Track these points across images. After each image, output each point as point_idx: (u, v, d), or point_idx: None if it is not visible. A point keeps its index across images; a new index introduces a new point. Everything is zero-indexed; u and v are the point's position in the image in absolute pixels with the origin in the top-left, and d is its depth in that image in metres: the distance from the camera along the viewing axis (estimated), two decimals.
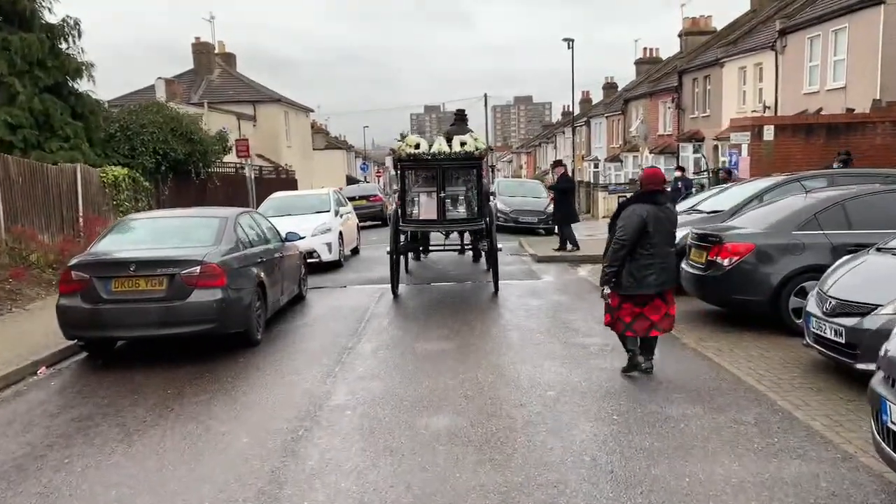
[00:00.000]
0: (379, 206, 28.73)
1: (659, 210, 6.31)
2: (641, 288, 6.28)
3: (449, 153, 11.68)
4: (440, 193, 11.65)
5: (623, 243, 6.20)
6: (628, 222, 6.21)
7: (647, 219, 6.18)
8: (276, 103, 37.94)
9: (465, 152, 11.78)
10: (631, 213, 6.26)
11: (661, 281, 6.32)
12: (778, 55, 23.85)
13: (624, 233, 6.21)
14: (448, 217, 11.91)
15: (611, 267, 6.32)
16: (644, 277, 6.26)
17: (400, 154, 11.68)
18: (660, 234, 6.27)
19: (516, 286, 12.19)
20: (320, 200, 15.82)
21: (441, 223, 12.07)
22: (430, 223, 12.12)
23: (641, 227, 6.16)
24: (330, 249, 14.34)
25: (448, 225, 12.39)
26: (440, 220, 11.84)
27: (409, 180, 11.98)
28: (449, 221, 12.07)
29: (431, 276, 13.88)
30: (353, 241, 16.97)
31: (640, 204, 6.32)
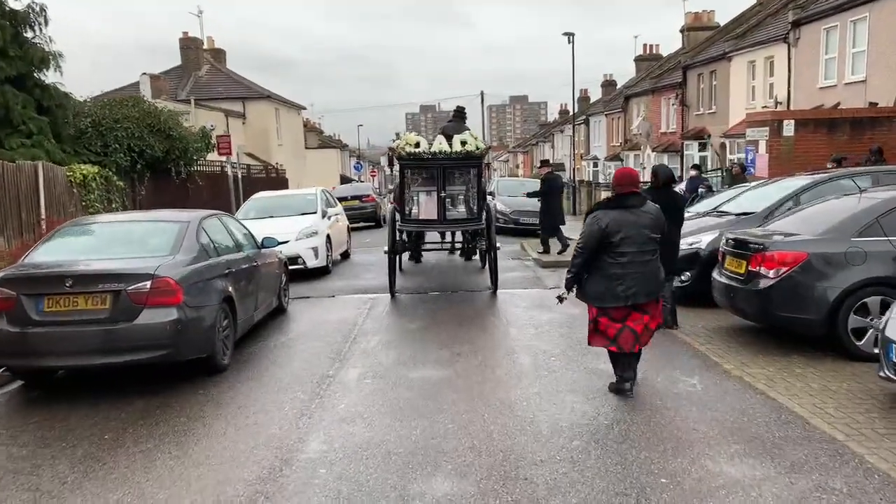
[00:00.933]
0: (372, 207, 27.52)
1: (629, 213, 5.75)
2: (610, 300, 5.77)
3: (450, 152, 10.65)
4: (440, 193, 10.90)
5: (579, 251, 5.84)
6: (586, 230, 5.81)
7: (607, 227, 5.67)
8: (266, 100, 36.66)
9: (465, 152, 10.73)
10: (591, 221, 5.80)
11: (634, 292, 5.72)
12: (791, 48, 22.69)
13: (581, 241, 5.83)
14: (448, 217, 11.27)
15: (568, 273, 6.01)
16: (612, 288, 5.73)
17: (400, 153, 10.76)
18: (631, 240, 5.69)
19: (522, 296, 10.98)
20: (306, 201, 14.58)
21: (441, 223, 11.52)
22: (430, 223, 11.56)
23: (600, 236, 5.69)
24: (316, 254, 13.11)
25: (448, 225, 11.96)
26: (440, 219, 11.21)
27: (409, 179, 11.32)
28: (449, 221, 11.52)
29: (426, 281, 12.69)
30: (342, 244, 15.74)
31: (605, 210, 5.84)
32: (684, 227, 8.69)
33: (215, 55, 39.96)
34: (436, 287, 12.10)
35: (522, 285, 12.03)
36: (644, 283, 5.73)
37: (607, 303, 5.75)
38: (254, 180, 28.14)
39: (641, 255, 5.71)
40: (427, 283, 12.50)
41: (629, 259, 5.66)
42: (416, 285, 12.37)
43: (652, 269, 5.82)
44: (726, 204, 11.20)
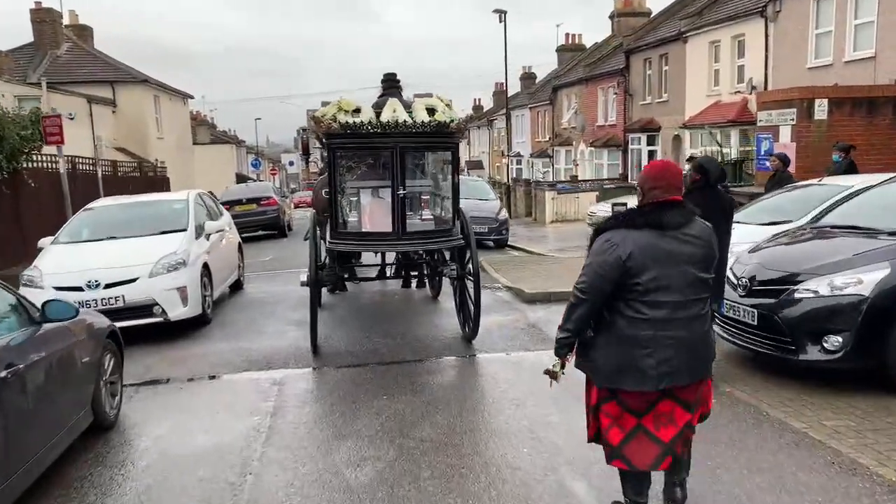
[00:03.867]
0: (274, 212, 22.48)
1: (667, 239, 3.32)
2: (630, 379, 3.34)
3: (412, 124, 6.11)
4: (397, 190, 6.57)
5: (581, 298, 3.39)
6: (593, 262, 3.38)
7: (630, 260, 3.28)
8: (142, 85, 30.74)
9: (436, 122, 6.23)
10: (602, 247, 3.38)
11: (671, 369, 3.31)
12: (768, 23, 19.49)
13: (584, 280, 3.38)
14: (409, 229, 6.85)
15: (562, 331, 3.49)
16: (636, 359, 3.31)
17: (328, 125, 6.15)
18: (670, 283, 3.31)
19: (527, 367, 6.66)
20: (172, 213, 9.68)
21: (398, 239, 6.89)
22: (381, 239, 7.04)
23: (617, 273, 3.29)
24: (184, 298, 8.29)
25: (409, 241, 7.07)
26: (397, 232, 6.87)
27: (343, 169, 7.03)
28: (411, 236, 6.95)
29: (365, 331, 8.16)
30: (231, 271, 10.92)
31: (626, 230, 3.36)
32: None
33: (79, 32, 33.65)
34: (384, 346, 7.58)
35: (513, 341, 7.70)
36: (688, 354, 3.37)
37: (625, 383, 3.38)
38: (123, 181, 22.62)
39: (685, 307, 3.36)
40: (368, 337, 7.97)
41: (666, 314, 3.32)
42: (351, 341, 7.83)
43: (700, 331, 3.45)
44: (830, 215, 7.32)
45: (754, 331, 6.03)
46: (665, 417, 3.42)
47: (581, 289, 3.38)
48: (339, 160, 6.54)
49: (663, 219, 3.33)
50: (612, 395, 3.46)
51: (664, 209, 3.35)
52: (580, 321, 3.41)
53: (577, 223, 22.17)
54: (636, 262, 3.27)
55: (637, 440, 3.42)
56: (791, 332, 5.71)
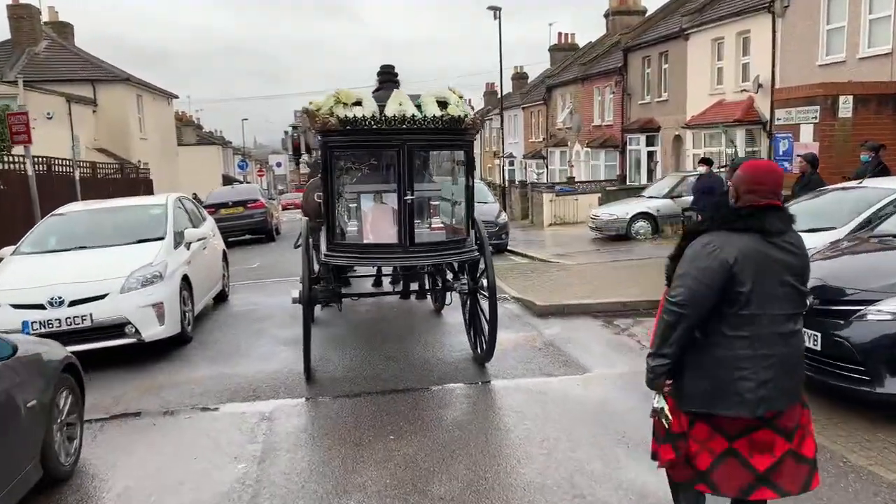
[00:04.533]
0: (261, 215, 21.54)
1: (767, 246, 2.97)
2: (723, 403, 2.99)
3: (422, 119, 5.24)
4: (404, 195, 5.66)
5: (679, 313, 2.95)
6: (694, 269, 2.96)
7: (736, 265, 2.91)
8: (124, 83, 29.67)
9: (448, 118, 5.35)
10: (703, 250, 2.97)
11: (769, 392, 2.97)
12: (776, 19, 18.78)
13: (683, 292, 2.95)
14: (418, 240, 6.04)
15: (658, 357, 3.03)
16: (731, 382, 2.97)
17: (325, 121, 5.28)
18: (769, 295, 2.95)
19: (545, 398, 5.81)
20: (149, 219, 8.77)
21: (406, 252, 5.93)
22: (385, 252, 6.06)
23: (723, 280, 2.92)
24: (160, 316, 7.39)
25: (417, 254, 6.07)
26: (404, 244, 5.92)
27: (342, 170, 6.13)
28: (420, 248, 6.00)
29: (363, 352, 7.28)
30: (215, 282, 10.03)
31: (727, 234, 2.98)
32: None
33: (59, 29, 32.59)
34: (386, 370, 6.71)
35: (531, 363, 6.86)
36: (787, 375, 2.99)
37: (719, 408, 2.99)
38: (103, 183, 21.60)
39: (786, 322, 2.99)
40: (367, 359, 7.10)
41: (766, 330, 2.95)
42: (349, 364, 6.96)
43: (799, 349, 3.09)
44: (889, 222, 6.54)
45: (817, 357, 5.23)
46: (762, 446, 3.06)
47: (679, 302, 2.95)
48: (336, 161, 5.66)
49: (766, 223, 2.99)
50: (701, 419, 3.10)
51: (766, 213, 3.01)
52: (681, 342, 3.01)
53: (577, 227, 21.38)
54: (741, 269, 2.93)
55: (727, 464, 3.07)
56: (864, 361, 4.93)
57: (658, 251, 14.30)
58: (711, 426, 3.10)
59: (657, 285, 8.71)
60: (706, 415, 3.06)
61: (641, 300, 9.39)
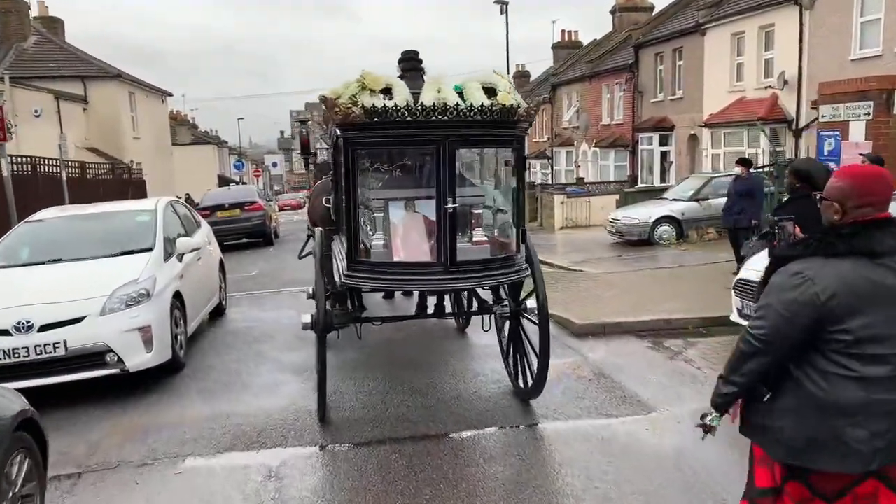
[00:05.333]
0: (259, 218, 20.50)
1: (879, 270, 2.49)
2: (826, 456, 2.54)
3: (467, 109, 4.18)
4: (444, 203, 4.57)
5: (756, 347, 2.58)
6: (779, 302, 2.55)
7: (832, 300, 2.47)
8: (115, 80, 28.54)
9: (499, 107, 4.28)
10: (790, 284, 2.54)
11: (889, 442, 2.49)
12: (803, 12, 17.80)
13: (763, 324, 2.57)
14: (460, 258, 4.81)
15: (728, 384, 2.71)
16: (838, 431, 2.51)
17: (346, 111, 4.25)
18: (882, 327, 2.48)
19: (612, 448, 4.80)
20: (136, 226, 7.72)
21: (445, 272, 4.72)
22: (420, 272, 4.87)
23: (811, 315, 2.49)
24: (147, 341, 6.33)
25: (460, 275, 4.84)
26: (444, 262, 4.74)
27: (367, 171, 4.93)
28: (462, 268, 4.78)
29: (381, 383, 6.21)
30: (209, 298, 8.97)
31: (823, 259, 2.53)
32: None
33: (48, 25, 31.46)
34: (413, 408, 5.67)
35: (583, 399, 5.83)
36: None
37: (820, 462, 2.54)
38: (93, 184, 20.53)
39: None
40: (389, 393, 6.06)
41: (886, 372, 2.48)
42: (367, 400, 5.91)
43: None
44: None
45: None
46: (866, 501, 2.60)
47: (758, 336, 2.58)
48: (359, 160, 4.64)
49: (874, 243, 2.51)
50: (796, 474, 2.65)
51: (874, 230, 2.54)
52: (753, 375, 2.65)
53: (591, 230, 20.35)
54: (841, 303, 2.48)
55: None
56: None
57: (686, 258, 13.32)
58: (809, 488, 2.64)
59: (700, 298, 7.46)
60: (801, 469, 2.61)
61: (689, 317, 8.41)
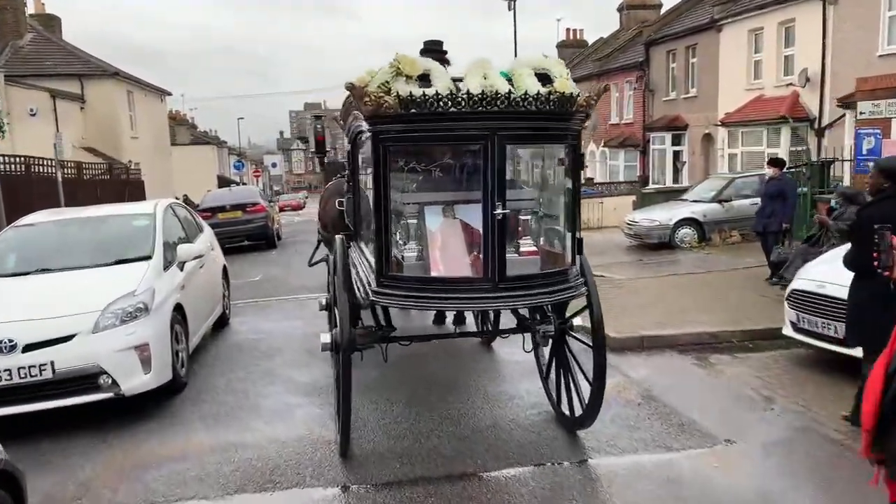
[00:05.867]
0: (262, 220, 19.83)
1: None
2: None
3: (521, 98, 3.52)
4: (492, 209, 3.88)
5: None
6: None
7: None
8: (113, 79, 27.87)
9: (557, 96, 3.59)
10: None
11: None
12: (827, 7, 17.15)
13: None
14: (510, 273, 4.04)
15: None
16: None
17: (378, 100, 3.61)
18: None
19: (680, 490, 4.14)
20: (133, 232, 7.06)
21: (494, 289, 4.02)
22: (463, 290, 4.11)
23: None
24: (146, 361, 5.66)
25: (510, 293, 4.08)
26: (491, 277, 3.98)
27: (399, 173, 4.19)
28: (512, 285, 4.06)
29: (417, 427, 5.49)
30: (212, 308, 8.32)
31: None
32: None
33: (45, 22, 30.79)
34: (445, 439, 5.01)
35: (637, 429, 5.17)
36: None
37: None
38: (89, 185, 19.85)
39: None
40: (416, 421, 5.40)
41: None
42: (393, 429, 5.25)
43: None
44: None
45: None
46: None
47: None
48: (392, 157, 3.98)
49: None
50: None
51: None
52: None
53: (604, 231, 19.67)
54: None
55: None
56: None
57: (712, 262, 12.66)
58: None
59: (738, 308, 6.59)
60: None
61: (733, 329, 7.77)
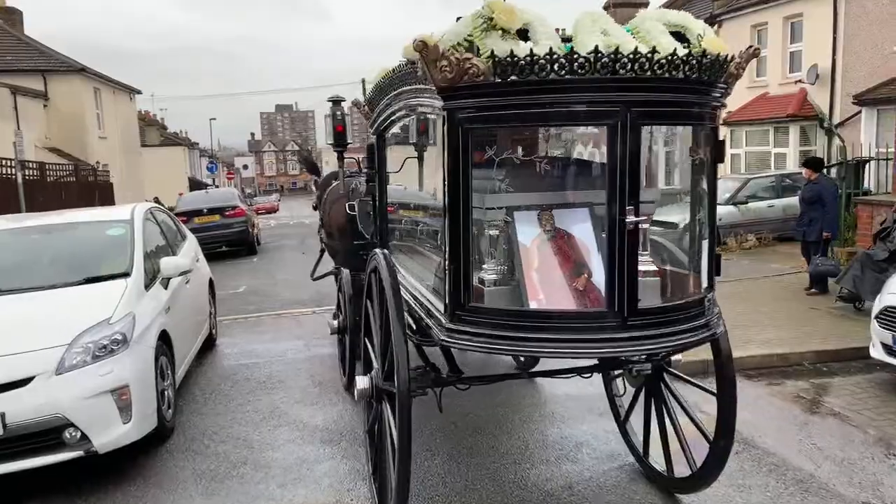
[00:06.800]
0: (241, 224, 18.54)
1: None
2: None
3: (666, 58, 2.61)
4: (623, 215, 2.75)
5: None
6: None
7: None
8: (79, 75, 26.29)
9: (710, 58, 2.48)
10: None
11: None
12: (839, 1, 16.40)
13: None
14: (640, 306, 2.83)
15: None
16: None
17: (466, 66, 2.50)
18: None
19: None
20: (107, 243, 5.85)
21: (622, 328, 2.80)
22: (577, 327, 2.85)
23: None
24: (125, 408, 4.47)
25: (644, 333, 2.88)
26: (619, 311, 2.80)
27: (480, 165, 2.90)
28: (645, 320, 2.86)
29: (481, 495, 4.41)
30: (200, 329, 7.13)
31: None
32: None
33: (6, 16, 29.06)
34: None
35: (744, 487, 4.14)
36: None
37: None
38: (53, 187, 18.39)
39: None
40: (473, 481, 4.31)
41: None
42: (440, 490, 4.15)
43: None
44: None
45: None
46: None
47: None
48: (473, 146, 2.85)
49: None
50: None
51: None
52: None
53: None
54: None
55: None
56: None
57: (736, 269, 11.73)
58: None
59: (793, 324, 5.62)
60: None
61: (803, 351, 6.87)
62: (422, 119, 4.55)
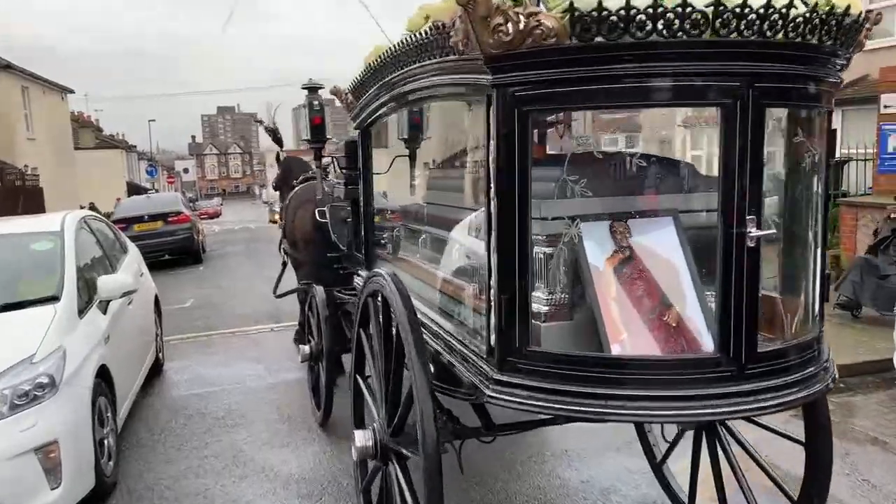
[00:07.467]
0: (185, 231, 17.38)
1: None
2: None
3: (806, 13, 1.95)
4: (744, 226, 1.99)
5: None
6: None
7: None
8: (4, 71, 24.49)
9: (842, 15, 1.76)
10: None
11: None
12: None
13: None
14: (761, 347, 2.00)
15: None
16: None
17: (535, 25, 1.78)
18: None
19: None
20: (33, 258, 4.88)
21: (740, 379, 2.07)
22: (678, 380, 2.05)
23: None
24: (52, 469, 3.56)
25: (766, 385, 2.11)
26: (737, 357, 2.05)
27: (530, 160, 2.13)
28: (764, 367, 2.10)
29: None
30: (146, 356, 6.19)
31: None
32: None
33: None
34: None
35: None
36: None
37: None
38: None
39: None
40: None
41: None
42: None
43: None
44: None
45: None
46: None
47: None
48: (533, 127, 2.21)
49: None
50: None
51: None
52: None
53: None
54: None
55: None
56: None
57: None
58: None
59: None
60: None
61: None
62: (416, 111, 3.80)
